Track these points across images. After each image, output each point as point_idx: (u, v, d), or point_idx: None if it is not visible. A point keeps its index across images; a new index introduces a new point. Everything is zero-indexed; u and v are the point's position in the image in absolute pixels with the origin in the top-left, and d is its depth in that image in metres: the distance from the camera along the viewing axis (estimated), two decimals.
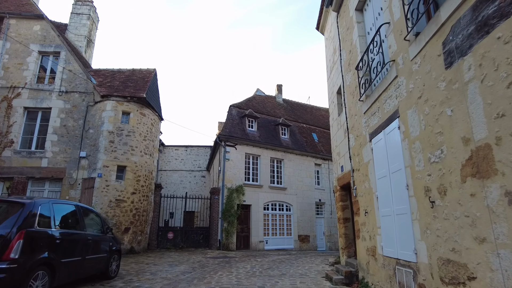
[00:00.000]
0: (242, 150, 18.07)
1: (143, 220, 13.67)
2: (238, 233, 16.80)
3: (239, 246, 16.78)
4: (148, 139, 14.37)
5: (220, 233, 16.16)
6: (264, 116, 20.98)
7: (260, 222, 17.64)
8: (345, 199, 8.09)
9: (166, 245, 15.37)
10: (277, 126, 20.68)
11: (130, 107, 13.81)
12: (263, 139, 19.02)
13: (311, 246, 19.51)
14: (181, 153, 28.01)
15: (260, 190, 18.17)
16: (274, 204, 18.78)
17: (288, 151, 19.97)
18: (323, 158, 21.85)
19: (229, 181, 17.15)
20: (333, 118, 8.85)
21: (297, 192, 19.77)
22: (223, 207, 16.49)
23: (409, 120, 4.35)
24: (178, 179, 27.20)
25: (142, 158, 13.83)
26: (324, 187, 21.37)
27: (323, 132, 23.76)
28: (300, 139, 21.45)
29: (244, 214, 17.37)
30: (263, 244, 17.42)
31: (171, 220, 25.24)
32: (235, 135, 17.82)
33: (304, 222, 19.63)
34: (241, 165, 17.81)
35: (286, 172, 19.69)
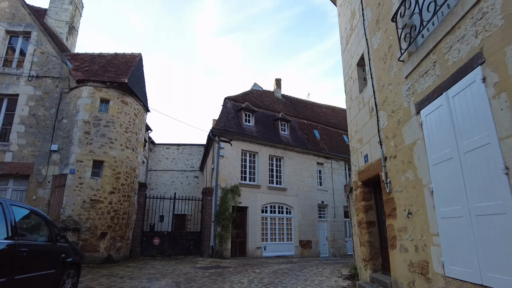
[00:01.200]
0: (238, 146, 16.35)
1: (124, 224, 11.86)
2: (233, 239, 15.04)
3: (234, 253, 15.01)
4: (131, 131, 12.59)
5: (213, 239, 14.39)
6: (262, 111, 19.30)
7: (257, 226, 15.90)
8: (368, 197, 6.42)
9: (151, 252, 13.55)
10: (276, 122, 19.01)
11: (110, 94, 12.05)
12: (261, 134, 17.33)
13: (313, 253, 17.80)
14: (172, 152, 26.23)
15: (258, 191, 16.45)
16: (273, 206, 17.05)
17: (288, 149, 18.29)
18: (325, 157, 20.20)
19: (223, 180, 15.41)
20: (351, 98, 7.20)
21: (298, 193, 18.07)
22: (216, 210, 14.74)
23: (510, 62, 2.68)
24: (169, 180, 25.41)
25: (123, 153, 12.04)
26: (327, 188, 19.70)
27: (325, 129, 22.14)
28: (301, 135, 19.79)
29: (240, 217, 15.63)
30: (261, 250, 15.67)
31: (160, 224, 23.42)
32: (230, 130, 16.11)
33: (306, 226, 17.92)
34: (236, 163, 16.09)
35: (286, 171, 17.99)
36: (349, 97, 7.31)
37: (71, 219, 10.34)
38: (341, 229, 19.61)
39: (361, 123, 6.51)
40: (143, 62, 14.40)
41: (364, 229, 6.40)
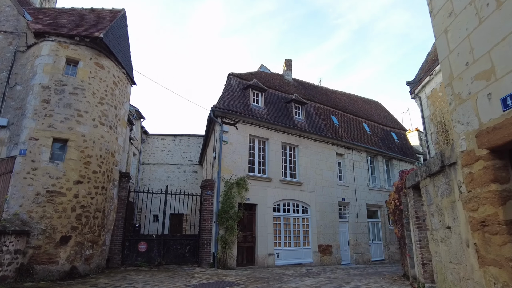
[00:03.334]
0: (244, 130, 13.42)
1: (97, 225, 8.91)
2: (239, 243, 12.10)
3: (241, 262, 12.07)
4: (108, 104, 9.65)
5: (215, 244, 11.45)
6: (273, 91, 16.38)
7: (269, 228, 12.95)
8: (505, 176, 3.46)
9: (135, 261, 10.59)
10: (289, 104, 16.07)
11: (80, 53, 9.11)
12: (272, 118, 14.39)
13: (334, 259, 14.85)
14: (168, 143, 23.32)
15: (269, 185, 13.51)
16: (287, 203, 14.10)
17: (303, 135, 15.35)
18: (346, 147, 17.26)
19: (227, 171, 12.47)
20: (451, 12, 4.28)
21: (315, 189, 15.13)
22: (218, 207, 11.81)
23: None
24: (164, 175, 22.51)
25: (96, 130, 9.09)
26: (348, 183, 16.75)
27: (343, 116, 19.20)
28: (318, 121, 16.86)
29: (247, 217, 12.69)
30: (273, 258, 12.72)
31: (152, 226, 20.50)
32: (236, 110, 13.17)
33: (325, 228, 14.97)
34: (243, 150, 13.15)
35: (302, 162, 15.05)
36: (447, 11, 4.38)
37: (17, 218, 7.39)
38: (364, 231, 16.67)
39: (487, 43, 3.59)
40: (127, 21, 11.46)
41: (499, 235, 3.45)
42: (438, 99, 13.79)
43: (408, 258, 8.65)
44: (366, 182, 17.66)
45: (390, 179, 19.56)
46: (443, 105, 13.46)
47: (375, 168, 18.90)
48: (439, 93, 13.73)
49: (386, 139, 20.52)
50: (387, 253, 17.51)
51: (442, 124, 13.67)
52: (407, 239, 8.84)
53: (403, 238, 9.35)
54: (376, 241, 17.41)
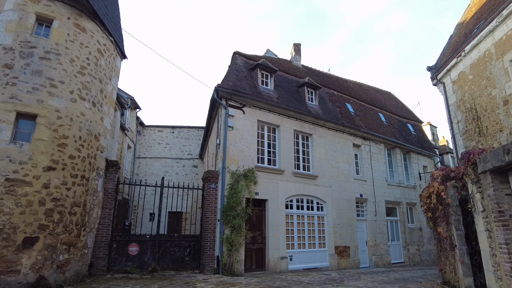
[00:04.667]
0: (253, 115, 11.68)
1: (75, 223, 7.16)
2: (247, 245, 10.37)
3: (249, 266, 10.34)
4: (91, 75, 7.89)
5: (219, 246, 9.72)
6: (282, 74, 14.64)
7: (280, 228, 11.22)
8: None
9: (125, 267, 8.84)
10: (302, 88, 14.34)
11: (54, 10, 7.35)
12: (283, 102, 12.65)
13: (352, 262, 13.14)
14: (166, 135, 21.58)
15: (280, 178, 11.78)
16: (300, 199, 12.38)
17: (318, 123, 13.62)
18: (363, 137, 15.55)
19: (233, 161, 10.74)
20: None
21: (331, 183, 13.41)
22: (223, 203, 10.08)
23: None
24: (161, 170, 20.78)
25: (75, 106, 7.34)
26: (365, 177, 15.03)
27: (358, 104, 17.48)
28: (333, 108, 15.13)
29: (256, 214, 10.97)
30: (286, 262, 10.99)
31: (148, 225, 18.82)
32: (243, 91, 11.43)
33: (342, 227, 13.25)
34: (251, 138, 11.41)
35: (316, 153, 13.32)
36: None
37: None
38: (383, 231, 14.97)
39: None
40: None
41: None
42: (467, 83, 12.11)
43: (461, 264, 6.96)
44: (384, 177, 15.96)
45: (408, 174, 17.89)
46: (474, 89, 11.78)
47: (393, 162, 17.21)
48: (469, 76, 12.05)
49: (403, 130, 18.83)
50: (407, 254, 15.82)
51: (473, 110, 11.98)
52: (457, 240, 7.14)
53: (448, 239, 7.64)
54: (395, 241, 15.72)
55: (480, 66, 11.69)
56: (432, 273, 12.58)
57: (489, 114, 11.26)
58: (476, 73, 11.72)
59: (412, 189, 17.35)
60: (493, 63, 11.05)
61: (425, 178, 18.46)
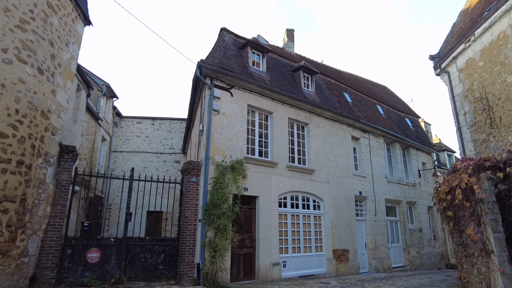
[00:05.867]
0: (242, 99, 10.09)
1: (5, 224, 5.37)
2: (234, 250, 8.79)
3: (236, 275, 8.75)
4: (37, 34, 6.12)
5: (200, 251, 8.09)
6: (276, 57, 13.13)
7: (273, 229, 9.68)
8: None
9: (82, 277, 7.10)
10: (297, 73, 12.85)
11: None
12: (276, 86, 11.12)
13: (351, 267, 11.73)
14: (145, 127, 19.72)
15: (273, 172, 10.24)
16: (295, 197, 10.87)
17: (315, 111, 12.15)
18: (362, 129, 14.19)
19: (219, 151, 9.13)
20: None
21: (329, 179, 11.96)
22: (206, 200, 8.46)
23: None
24: (140, 165, 18.91)
25: (10, 68, 5.56)
26: (365, 173, 13.67)
27: (356, 95, 16.14)
28: (330, 97, 13.70)
29: (245, 213, 9.40)
30: (279, 268, 9.45)
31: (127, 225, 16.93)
32: (231, 70, 9.83)
33: (341, 228, 11.83)
34: (240, 124, 9.82)
35: (313, 145, 11.84)
36: None
37: None
38: (383, 232, 13.64)
39: None
40: None
41: None
42: (477, 71, 10.88)
43: (500, 274, 5.59)
44: (384, 173, 14.66)
45: (408, 171, 16.69)
46: (485, 76, 10.54)
47: (392, 157, 15.94)
48: (479, 62, 10.82)
49: (401, 125, 17.63)
50: (407, 257, 14.56)
51: (483, 100, 10.74)
52: (495, 244, 5.76)
53: (480, 243, 6.26)
54: (395, 243, 14.44)
55: (493, 50, 10.45)
56: (439, 278, 11.30)
57: (503, 103, 10.03)
58: (488, 59, 10.50)
59: (412, 187, 16.14)
60: (509, 46, 9.81)
61: (424, 175, 17.31)
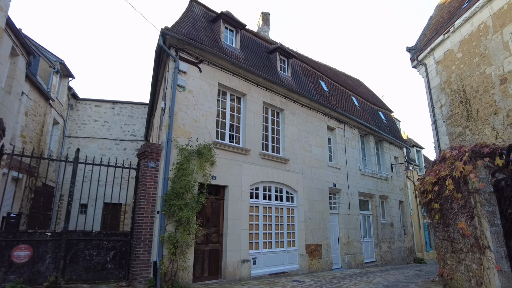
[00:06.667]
0: (212, 76, 8.95)
1: None
2: (198, 246, 7.72)
3: (200, 274, 7.69)
4: None
5: (158, 248, 6.93)
6: (250, 36, 12.06)
7: (243, 222, 8.70)
8: None
9: (5, 282, 5.71)
10: (273, 55, 11.88)
11: None
12: (251, 65, 10.08)
13: (324, 264, 11.07)
14: (104, 111, 17.95)
15: (245, 160, 9.24)
16: (268, 187, 9.95)
17: (291, 97, 11.27)
18: (337, 119, 13.56)
19: (183, 133, 7.96)
20: None
21: (303, 169, 11.18)
22: (166, 189, 7.30)
23: None
24: (97, 152, 17.16)
25: None
26: (339, 165, 13.07)
27: (332, 84, 15.50)
28: (306, 83, 12.89)
29: (212, 205, 8.32)
30: (248, 266, 8.50)
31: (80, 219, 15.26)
32: (200, 42, 8.65)
33: (314, 222, 11.11)
34: (209, 105, 8.69)
35: (288, 133, 10.98)
36: None
37: None
38: (356, 226, 13.16)
39: None
40: None
41: None
42: (455, 62, 10.56)
43: (497, 272, 5.00)
44: (358, 166, 14.18)
45: (380, 165, 16.41)
46: (463, 68, 10.23)
47: (366, 150, 15.54)
48: (458, 54, 10.50)
49: (375, 118, 17.31)
50: (379, 252, 14.24)
51: (460, 92, 10.45)
52: (492, 239, 5.15)
53: (472, 238, 5.66)
54: (367, 238, 14.05)
55: (473, 42, 10.11)
56: (412, 274, 10.95)
57: (481, 95, 9.73)
58: (466, 51, 10.17)
59: (385, 181, 15.86)
60: (490, 37, 9.47)
61: (396, 170, 17.14)
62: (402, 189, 17.37)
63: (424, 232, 20.71)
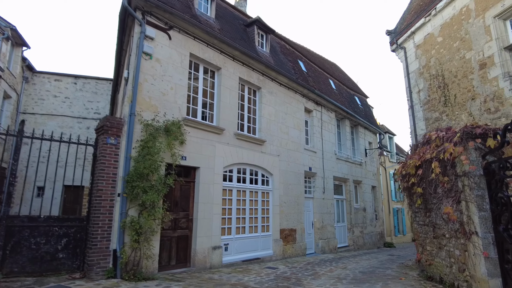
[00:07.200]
0: (184, 45, 8.04)
1: None
2: (165, 232, 7.02)
3: (167, 262, 7.03)
4: None
5: (119, 234, 6.16)
6: (226, 6, 11.13)
7: (215, 206, 8.06)
8: None
9: None
10: (250, 28, 11.06)
11: None
12: (227, 36, 9.24)
13: (298, 249, 10.76)
14: (65, 87, 16.37)
15: (219, 139, 8.52)
16: (243, 170, 9.33)
17: (268, 75, 10.59)
18: (315, 101, 13.10)
19: (149, 106, 7.09)
20: None
21: (280, 152, 10.66)
22: (128, 169, 6.47)
23: None
24: (57, 131, 15.61)
25: None
26: (316, 148, 12.69)
27: (310, 65, 14.95)
28: (285, 61, 12.23)
29: (181, 188, 7.59)
30: (219, 253, 7.94)
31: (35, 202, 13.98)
32: (170, 5, 7.68)
33: (290, 206, 10.71)
34: (180, 77, 7.81)
35: (265, 113, 10.34)
36: None
37: None
38: (330, 211, 12.97)
39: None
40: None
41: None
42: (435, 47, 10.34)
43: (484, 259, 4.75)
44: (334, 150, 13.91)
45: (355, 150, 16.29)
46: (443, 53, 10.02)
47: (342, 134, 15.30)
48: (438, 38, 10.28)
49: (351, 102, 17.07)
50: (351, 237, 14.23)
51: (439, 77, 10.28)
52: (480, 224, 4.87)
53: (458, 223, 5.39)
54: (340, 223, 13.95)
55: (454, 25, 9.86)
56: (385, 259, 10.95)
57: (459, 80, 9.55)
58: (447, 34, 9.92)
59: (359, 165, 15.78)
60: (471, 21, 9.23)
61: (370, 155, 17.13)
62: (375, 174, 17.44)
63: (394, 217, 21.20)
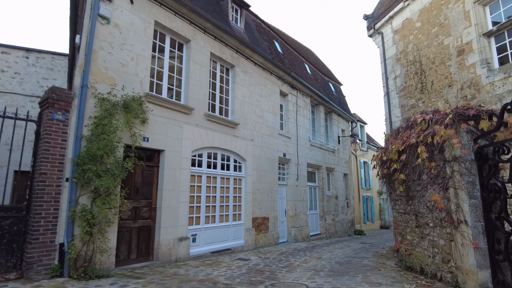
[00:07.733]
0: (148, 11, 7.06)
1: None
2: (124, 222, 6.18)
3: (126, 256, 6.22)
4: None
5: (67, 226, 5.26)
6: None
7: (182, 194, 7.30)
8: None
9: None
10: (224, 1, 10.15)
11: None
12: (198, 5, 8.31)
13: (271, 238, 10.31)
14: (15, 61, 14.48)
15: (187, 120, 7.70)
16: (213, 154, 8.59)
17: (243, 52, 9.81)
18: (291, 85, 12.52)
19: (105, 78, 6.11)
20: None
21: (253, 136, 10.01)
22: (79, 149, 5.54)
23: None
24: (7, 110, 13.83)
25: None
26: (290, 134, 12.18)
27: (286, 47, 14.30)
28: (261, 40, 11.47)
29: (143, 172, 6.74)
30: (186, 244, 7.23)
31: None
32: None
33: (263, 194, 10.17)
34: (142, 47, 6.85)
35: (238, 94, 9.59)
36: None
37: None
38: (304, 198, 12.62)
39: None
40: None
41: None
42: (413, 32, 10.08)
43: (474, 250, 4.43)
44: (308, 136, 13.50)
45: (328, 137, 16.02)
46: (421, 38, 9.77)
47: (316, 121, 14.93)
48: (417, 23, 10.01)
49: (326, 88, 16.72)
50: (323, 225, 14.04)
51: (416, 64, 10.06)
52: (470, 212, 4.54)
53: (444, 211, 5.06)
54: (313, 210, 13.69)
55: (433, 11, 9.59)
56: (359, 247, 10.79)
57: (437, 67, 9.35)
58: (426, 20, 9.66)
59: (332, 153, 15.55)
60: (451, 6, 8.97)
61: (342, 142, 16.97)
62: (347, 162, 17.36)
63: (363, 205, 21.48)
